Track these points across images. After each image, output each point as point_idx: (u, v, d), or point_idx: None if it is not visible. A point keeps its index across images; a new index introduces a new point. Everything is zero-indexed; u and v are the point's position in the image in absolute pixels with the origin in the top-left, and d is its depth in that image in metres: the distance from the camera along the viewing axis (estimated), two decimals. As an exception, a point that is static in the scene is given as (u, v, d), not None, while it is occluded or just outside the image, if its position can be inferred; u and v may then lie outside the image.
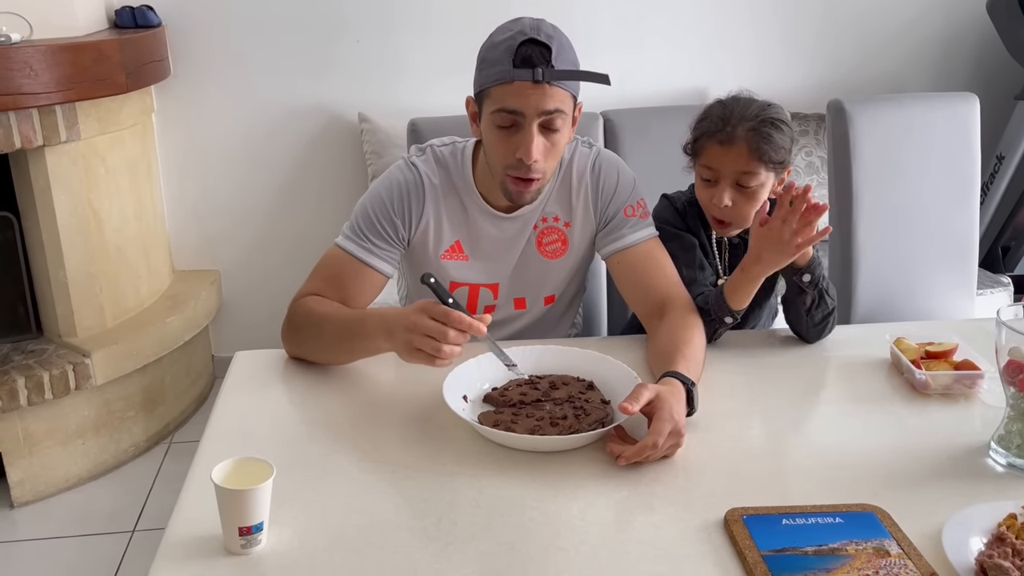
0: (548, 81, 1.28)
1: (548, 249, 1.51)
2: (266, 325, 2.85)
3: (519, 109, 1.29)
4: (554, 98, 1.29)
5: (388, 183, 1.46)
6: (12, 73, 2.01)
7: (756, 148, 1.42)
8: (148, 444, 2.54)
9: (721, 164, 1.44)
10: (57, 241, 2.27)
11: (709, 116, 1.47)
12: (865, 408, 1.29)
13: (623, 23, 2.73)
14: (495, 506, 1.04)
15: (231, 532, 0.94)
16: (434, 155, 1.48)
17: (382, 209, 1.44)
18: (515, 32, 1.29)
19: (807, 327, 1.46)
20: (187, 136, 2.72)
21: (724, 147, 1.43)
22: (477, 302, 1.52)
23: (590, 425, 1.18)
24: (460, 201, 1.47)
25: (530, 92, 1.28)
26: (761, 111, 1.44)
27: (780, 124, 1.44)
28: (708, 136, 1.46)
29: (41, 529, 2.18)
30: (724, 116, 1.44)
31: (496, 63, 1.30)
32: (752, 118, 1.43)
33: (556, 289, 1.55)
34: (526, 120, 1.30)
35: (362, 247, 1.43)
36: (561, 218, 1.50)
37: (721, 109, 1.46)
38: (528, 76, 1.27)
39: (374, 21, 2.66)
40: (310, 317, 1.37)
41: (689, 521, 1.01)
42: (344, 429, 1.22)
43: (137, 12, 2.48)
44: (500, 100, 1.31)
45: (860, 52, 2.87)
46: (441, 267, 1.49)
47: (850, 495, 1.06)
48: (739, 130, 1.42)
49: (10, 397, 2.14)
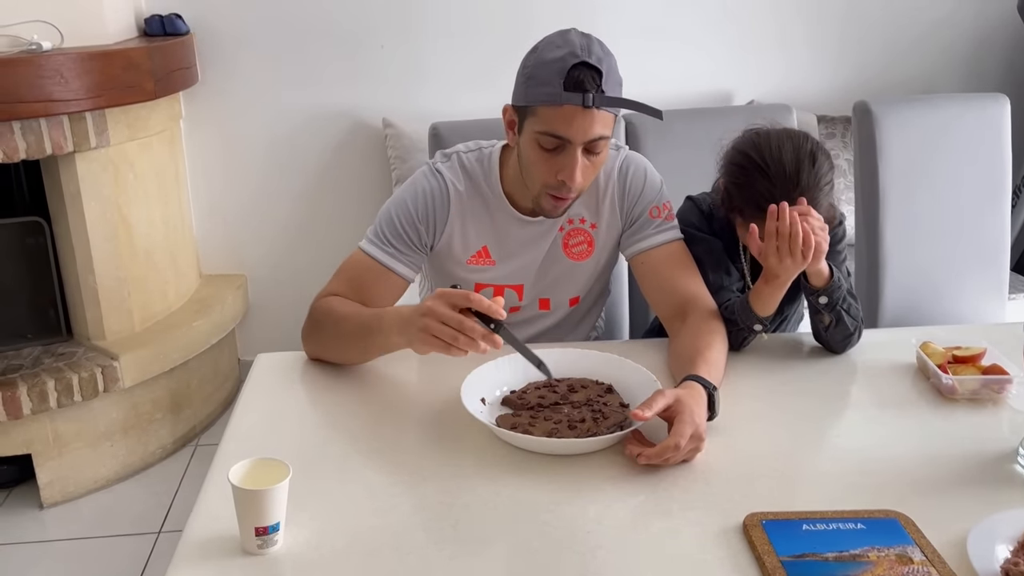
0: (598, 107, 1.26)
1: (574, 251, 1.51)
2: (292, 329, 2.84)
3: (567, 136, 1.28)
4: (601, 123, 1.29)
5: (413, 190, 1.47)
6: (43, 81, 2.05)
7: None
8: (175, 446, 2.57)
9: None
10: (87, 246, 2.31)
11: (752, 189, 1.37)
12: (890, 413, 1.27)
13: (647, 26, 2.72)
14: (512, 509, 1.04)
15: (248, 532, 0.95)
16: (460, 161, 1.48)
17: (406, 215, 1.45)
18: (566, 53, 1.26)
19: (827, 340, 1.45)
20: (214, 142, 2.76)
21: None
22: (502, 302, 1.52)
23: (608, 429, 1.17)
24: (486, 206, 1.47)
25: (579, 117, 1.27)
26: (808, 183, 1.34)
27: (825, 186, 1.37)
28: (753, 211, 1.36)
29: (70, 530, 2.22)
30: (771, 194, 1.33)
31: (546, 83, 1.27)
32: (802, 190, 1.33)
33: (581, 290, 1.55)
34: (572, 145, 1.29)
35: (385, 251, 1.44)
36: (588, 219, 1.50)
37: (766, 185, 1.35)
38: (579, 100, 1.25)
39: (398, 27, 2.68)
40: (330, 315, 1.38)
41: (707, 525, 1.00)
42: (362, 430, 1.22)
43: (166, 20, 2.52)
44: (547, 123, 1.29)
45: (887, 53, 2.84)
46: (468, 272, 1.50)
47: (874, 501, 1.04)
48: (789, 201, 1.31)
49: (40, 399, 2.17)
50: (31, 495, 2.31)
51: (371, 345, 1.33)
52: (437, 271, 1.55)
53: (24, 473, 2.32)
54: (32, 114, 2.07)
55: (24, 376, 2.20)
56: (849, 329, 1.41)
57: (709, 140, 1.59)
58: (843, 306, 1.39)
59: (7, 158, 2.09)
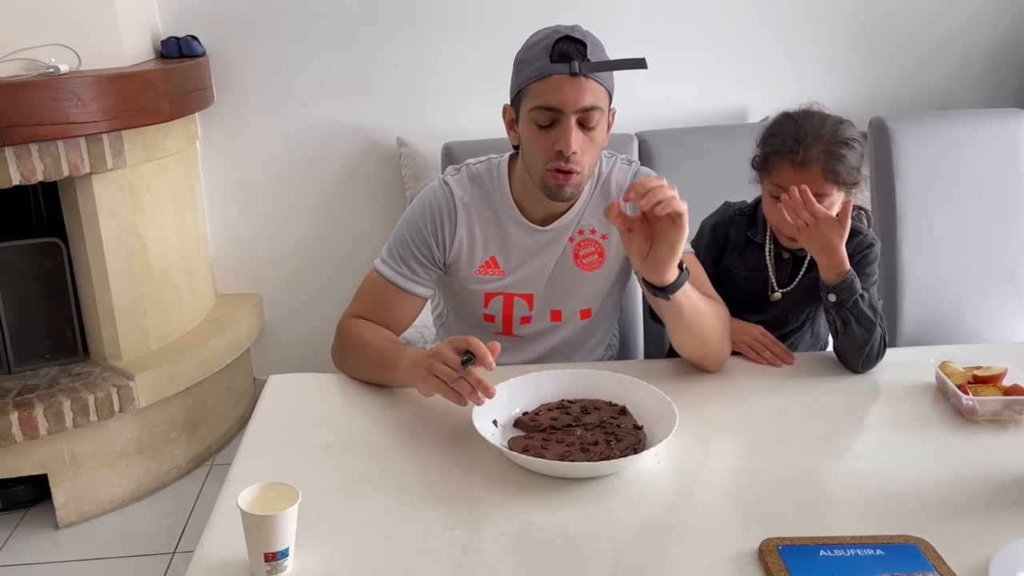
0: (585, 73, 1.30)
1: (584, 261, 1.51)
2: (307, 348, 2.88)
3: (557, 105, 1.31)
4: (591, 93, 1.31)
5: (421, 206, 1.49)
6: (61, 103, 2.07)
7: (831, 170, 1.40)
8: (190, 466, 2.57)
9: (794, 183, 1.40)
10: (103, 266, 2.33)
11: (781, 133, 1.45)
12: (909, 434, 1.25)
13: (660, 43, 2.72)
14: (523, 533, 1.02)
15: (257, 558, 0.94)
16: (468, 173, 1.51)
17: (416, 232, 1.48)
18: (551, 32, 1.33)
19: (841, 351, 1.44)
20: (229, 162, 2.78)
21: (797, 169, 1.42)
22: (512, 312, 1.53)
23: (622, 451, 1.15)
24: (495, 215, 1.49)
25: (568, 86, 1.30)
26: (835, 130, 1.42)
27: (853, 143, 1.42)
28: (780, 156, 1.44)
29: (85, 550, 2.22)
30: (797, 135, 1.42)
31: (533, 61, 1.32)
32: (826, 139, 1.41)
33: (592, 302, 1.55)
34: (564, 115, 1.32)
35: (399, 273, 1.47)
36: (598, 230, 1.50)
37: (794, 127, 1.44)
38: (565, 69, 1.29)
39: (411, 47, 2.69)
40: (357, 341, 1.44)
41: (722, 551, 0.99)
42: (372, 454, 1.22)
43: (182, 42, 2.54)
44: (538, 96, 1.33)
45: (902, 67, 2.82)
46: (476, 282, 1.51)
47: (892, 526, 1.02)
48: (813, 151, 1.40)
49: (56, 419, 2.18)
50: (47, 515, 2.31)
51: (388, 378, 1.40)
52: (449, 284, 1.56)
53: (40, 493, 2.33)
54: (50, 136, 2.09)
55: (41, 396, 2.21)
56: (858, 340, 1.39)
57: (724, 158, 1.60)
58: (853, 311, 1.38)
59: (25, 180, 2.11)
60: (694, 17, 2.72)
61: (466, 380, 1.20)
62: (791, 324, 1.61)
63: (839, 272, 1.38)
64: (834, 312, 1.40)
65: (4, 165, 2.07)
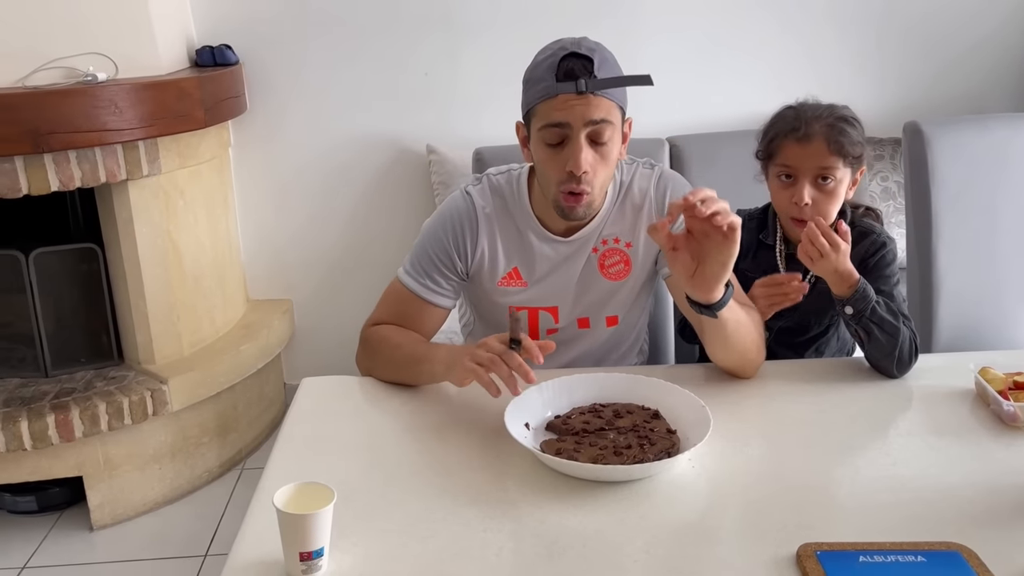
0: (592, 91, 1.28)
1: (611, 271, 1.50)
2: (336, 353, 2.90)
3: (565, 121, 1.30)
4: (600, 108, 1.29)
5: (442, 216, 1.49)
6: (98, 111, 2.11)
7: (834, 142, 1.43)
8: (221, 470, 2.59)
9: (800, 161, 1.45)
10: (138, 271, 2.36)
11: (782, 118, 1.50)
12: (948, 441, 1.22)
13: (692, 49, 2.71)
14: (557, 536, 1.02)
15: (292, 557, 0.95)
16: (489, 183, 1.50)
17: (438, 244, 1.48)
18: (556, 49, 1.31)
19: (873, 360, 1.41)
20: (261, 169, 2.81)
21: (802, 144, 1.45)
22: (538, 325, 1.52)
23: (655, 455, 1.15)
24: (516, 227, 1.48)
25: (575, 103, 1.28)
26: (833, 109, 1.48)
27: (852, 120, 1.47)
28: (784, 135, 1.48)
29: (119, 552, 2.24)
30: (798, 115, 1.47)
31: (540, 80, 1.31)
32: (826, 115, 1.46)
33: (619, 310, 1.54)
34: (573, 131, 1.30)
35: (422, 284, 1.47)
36: (622, 239, 1.49)
37: (793, 111, 1.50)
38: (571, 88, 1.27)
39: (441, 54, 2.71)
40: (385, 343, 1.45)
41: (758, 556, 0.97)
42: (406, 455, 1.22)
43: (216, 51, 2.58)
44: (546, 115, 1.31)
45: (936, 71, 2.78)
46: (499, 294, 1.51)
47: (933, 533, 1.00)
48: (815, 126, 1.44)
49: (92, 422, 2.21)
50: (82, 517, 2.34)
51: (419, 373, 1.39)
52: (473, 294, 1.56)
53: (76, 495, 2.36)
54: (88, 143, 2.12)
55: (77, 399, 2.25)
56: (885, 347, 1.38)
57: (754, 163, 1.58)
58: (873, 319, 1.36)
59: (63, 186, 2.14)
60: (724, 22, 2.71)
61: (505, 362, 1.18)
62: (814, 328, 1.59)
63: (850, 284, 1.37)
64: (854, 324, 1.39)
65: (43, 172, 2.11)
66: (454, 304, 1.52)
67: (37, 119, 2.03)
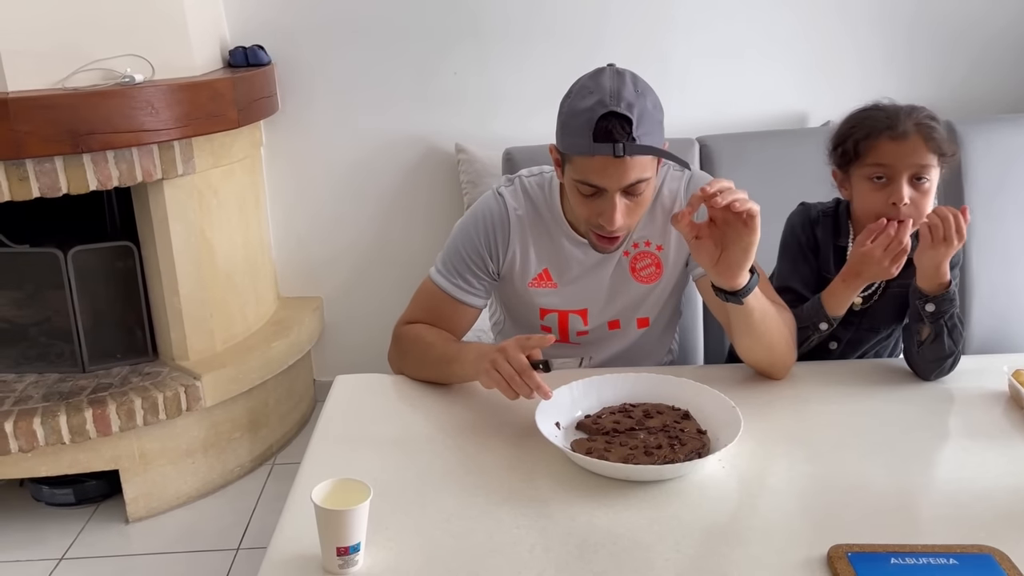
0: (629, 155, 1.26)
1: (642, 274, 1.51)
2: (365, 350, 2.92)
3: (601, 185, 1.30)
4: (636, 169, 1.28)
5: (475, 217, 1.50)
6: (135, 112, 2.14)
7: (930, 139, 1.40)
8: (252, 465, 2.63)
9: (897, 159, 1.40)
10: (173, 269, 2.40)
11: (870, 117, 1.45)
12: (981, 444, 1.22)
13: (720, 47, 2.70)
14: (588, 534, 1.03)
15: (329, 552, 0.97)
16: (521, 186, 1.51)
17: (470, 244, 1.49)
18: (595, 102, 1.26)
19: (917, 359, 1.41)
20: (293, 168, 2.84)
21: (898, 142, 1.40)
22: (568, 328, 1.53)
23: (686, 455, 1.16)
24: (547, 230, 1.49)
25: (611, 167, 1.27)
26: (920, 108, 1.44)
27: (938, 119, 1.44)
28: (876, 135, 1.42)
29: (153, 544, 2.28)
30: (889, 115, 1.43)
31: (576, 134, 1.28)
32: (916, 113, 1.42)
33: (650, 312, 1.55)
34: (608, 192, 1.30)
35: (454, 284, 1.49)
36: (653, 242, 1.50)
37: (881, 111, 1.45)
38: (609, 151, 1.25)
39: (471, 53, 2.72)
40: (417, 342, 1.46)
41: (789, 556, 0.98)
42: (439, 453, 1.24)
43: (249, 52, 2.61)
44: (582, 172, 1.30)
45: (969, 69, 2.75)
46: (529, 295, 1.52)
47: (965, 535, 1.00)
48: (909, 123, 1.41)
49: (128, 417, 2.26)
50: (118, 510, 2.39)
51: (450, 372, 1.40)
52: (504, 294, 1.58)
53: (112, 488, 2.41)
54: (125, 144, 2.16)
55: (113, 394, 2.29)
56: (945, 351, 1.37)
57: (783, 163, 1.59)
58: (948, 322, 1.36)
59: (101, 185, 2.19)
60: (752, 20, 2.69)
61: (526, 382, 1.20)
62: (881, 332, 1.58)
63: (941, 283, 1.36)
64: (929, 322, 1.37)
65: (82, 171, 2.15)
66: (485, 303, 1.54)
67: (76, 120, 2.07)
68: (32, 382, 2.39)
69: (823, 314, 1.42)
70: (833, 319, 1.42)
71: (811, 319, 1.42)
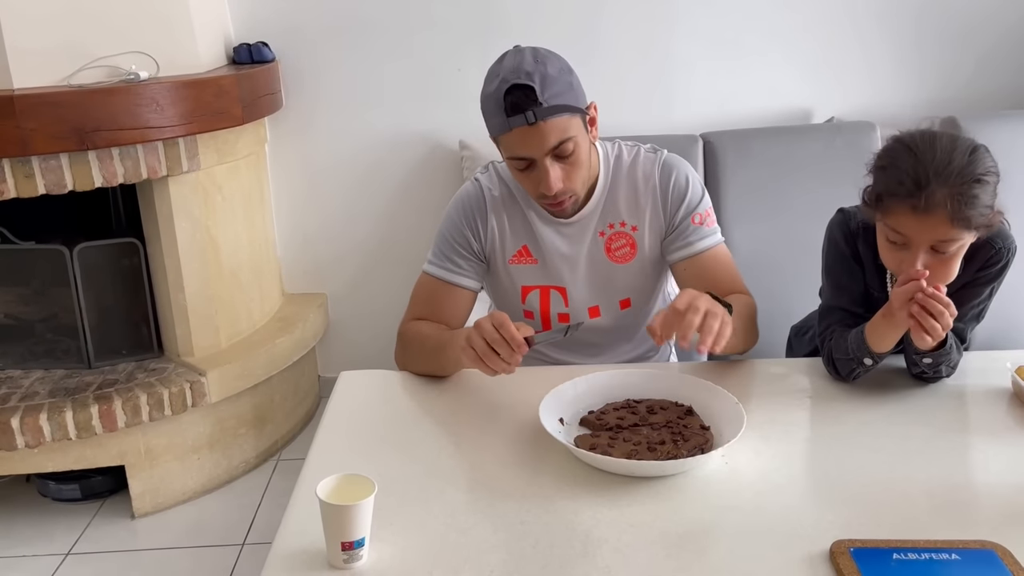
0: (542, 119, 1.33)
1: (617, 254, 1.55)
2: (370, 346, 2.93)
3: (527, 155, 1.37)
4: (555, 130, 1.35)
5: (455, 203, 1.58)
6: (140, 109, 2.15)
7: (958, 215, 1.18)
8: (257, 460, 2.64)
9: (915, 232, 1.22)
10: (178, 265, 2.41)
11: (896, 168, 1.23)
12: (984, 440, 1.22)
13: (723, 43, 2.70)
14: (591, 530, 1.04)
15: (334, 547, 0.97)
16: (495, 170, 1.58)
17: (454, 227, 1.55)
18: (499, 82, 1.35)
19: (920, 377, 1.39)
20: (297, 165, 2.85)
21: (919, 215, 1.20)
22: (549, 306, 1.57)
23: (689, 451, 1.16)
24: (521, 211, 1.55)
25: (529, 135, 1.34)
26: (963, 166, 1.19)
27: (986, 178, 1.20)
28: (898, 199, 1.22)
29: (159, 539, 2.30)
30: (917, 177, 1.19)
31: (492, 115, 1.38)
32: (954, 178, 1.18)
33: (631, 292, 1.58)
34: (537, 160, 1.37)
35: (444, 268, 1.54)
36: (628, 222, 1.54)
37: (913, 163, 1.21)
38: (522, 121, 1.33)
39: (475, 51, 2.72)
40: (416, 338, 1.49)
41: (792, 551, 0.98)
42: (443, 449, 1.24)
43: (253, 48, 2.62)
44: (509, 149, 1.40)
45: (976, 65, 2.74)
46: (511, 273, 1.56)
47: (967, 531, 1.00)
48: (938, 195, 1.18)
49: (133, 413, 2.27)
50: (124, 505, 2.40)
51: (445, 361, 1.43)
52: (491, 282, 1.62)
53: (118, 484, 2.42)
54: (130, 140, 2.17)
55: (119, 390, 2.30)
56: (942, 374, 1.36)
57: (788, 159, 1.58)
58: (944, 369, 1.34)
59: (107, 182, 2.20)
60: (756, 16, 2.69)
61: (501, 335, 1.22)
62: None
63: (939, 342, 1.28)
64: (930, 372, 1.34)
65: (87, 168, 2.16)
66: (479, 286, 1.58)
67: (82, 117, 2.08)
68: (38, 378, 2.40)
69: (866, 350, 1.31)
70: (879, 356, 1.32)
71: (856, 353, 1.32)
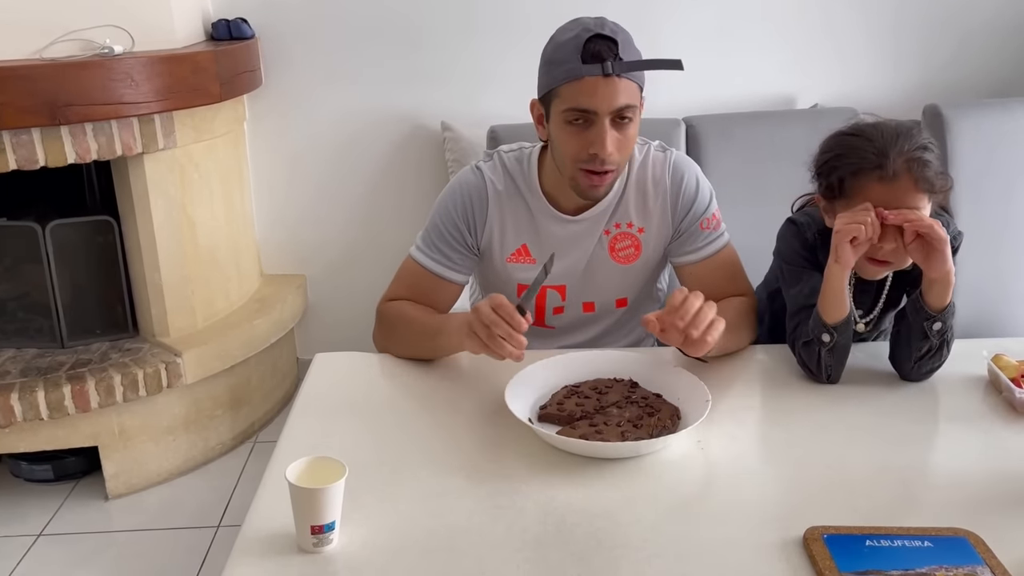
0: (618, 74, 1.28)
1: (621, 255, 1.51)
2: (349, 328, 2.91)
3: (591, 107, 1.30)
4: (625, 92, 1.30)
5: (453, 192, 1.50)
6: (115, 84, 2.11)
7: (922, 179, 1.27)
8: (234, 443, 2.62)
9: (886, 203, 1.27)
10: (153, 245, 2.37)
11: (854, 151, 1.31)
12: (960, 428, 1.23)
13: (708, 29, 2.69)
14: (565, 514, 1.03)
15: (304, 530, 0.96)
16: (501, 160, 1.51)
17: (449, 219, 1.49)
18: (580, 30, 1.30)
19: (911, 371, 1.35)
20: (276, 144, 2.81)
21: (887, 184, 1.28)
22: (545, 303, 1.54)
23: (669, 419, 1.18)
24: (526, 205, 1.49)
25: (602, 87, 1.28)
26: (911, 137, 1.29)
27: (931, 146, 1.30)
28: (864, 174, 1.29)
29: (133, 521, 2.28)
30: (877, 151, 1.28)
31: (564, 62, 1.30)
32: (908, 148, 1.28)
33: (628, 292, 1.55)
34: (599, 116, 1.30)
35: (434, 260, 1.48)
36: (635, 224, 1.50)
37: (867, 143, 1.30)
38: (598, 71, 1.27)
39: (457, 31, 2.69)
40: (401, 319, 1.45)
41: (766, 537, 0.98)
42: (418, 432, 1.23)
43: (232, 25, 2.57)
44: (571, 99, 1.31)
45: (958, 53, 2.74)
46: (507, 271, 1.52)
47: (941, 518, 1.01)
48: (899, 162, 1.27)
49: (107, 393, 2.24)
50: (97, 486, 2.38)
51: (435, 346, 1.40)
52: (483, 272, 1.58)
53: (91, 465, 2.40)
54: (104, 116, 2.13)
55: (92, 370, 2.27)
56: (940, 361, 1.33)
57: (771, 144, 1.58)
58: (950, 334, 1.32)
59: (80, 159, 2.15)
60: (742, 2, 2.67)
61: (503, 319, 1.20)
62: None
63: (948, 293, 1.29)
64: (936, 339, 1.31)
65: (60, 144, 2.12)
66: (467, 279, 1.53)
67: (54, 91, 2.03)
68: (10, 357, 2.36)
69: (820, 324, 1.31)
70: (833, 328, 1.30)
71: (814, 333, 1.31)
